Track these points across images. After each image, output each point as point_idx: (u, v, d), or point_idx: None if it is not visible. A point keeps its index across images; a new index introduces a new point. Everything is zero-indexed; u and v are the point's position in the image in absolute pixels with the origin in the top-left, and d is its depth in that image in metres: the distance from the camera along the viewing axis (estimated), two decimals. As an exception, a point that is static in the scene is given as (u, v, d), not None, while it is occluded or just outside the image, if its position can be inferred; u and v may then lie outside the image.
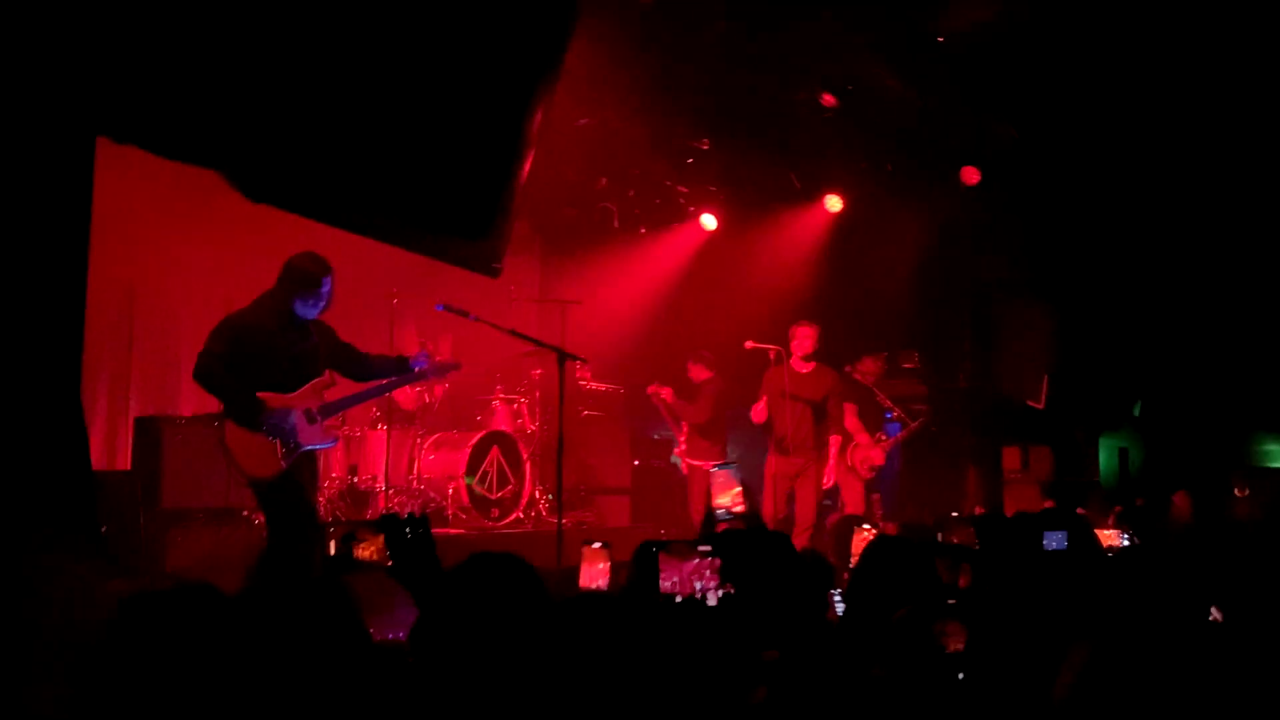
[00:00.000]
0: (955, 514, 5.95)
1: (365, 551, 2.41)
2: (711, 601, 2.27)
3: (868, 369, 8.78)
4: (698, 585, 2.36)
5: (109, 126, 2.91)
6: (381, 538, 2.36)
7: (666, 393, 8.57)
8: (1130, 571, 2.90)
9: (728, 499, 3.61)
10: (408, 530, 2.21)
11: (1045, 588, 2.34)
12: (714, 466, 3.72)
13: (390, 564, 2.34)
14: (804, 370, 7.78)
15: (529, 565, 2.18)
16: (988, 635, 2.19)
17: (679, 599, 2.30)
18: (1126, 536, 4.21)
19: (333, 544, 2.54)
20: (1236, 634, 2.26)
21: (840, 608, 3.24)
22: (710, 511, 3.63)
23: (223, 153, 3.07)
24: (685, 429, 8.68)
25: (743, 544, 1.98)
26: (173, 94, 2.84)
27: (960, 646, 1.98)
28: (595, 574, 3.48)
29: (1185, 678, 1.47)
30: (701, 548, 2.28)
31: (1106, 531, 4.42)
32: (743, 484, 3.59)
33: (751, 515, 3.29)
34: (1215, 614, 2.65)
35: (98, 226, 7.67)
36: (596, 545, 3.51)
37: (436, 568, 2.20)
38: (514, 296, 9.27)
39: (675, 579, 2.38)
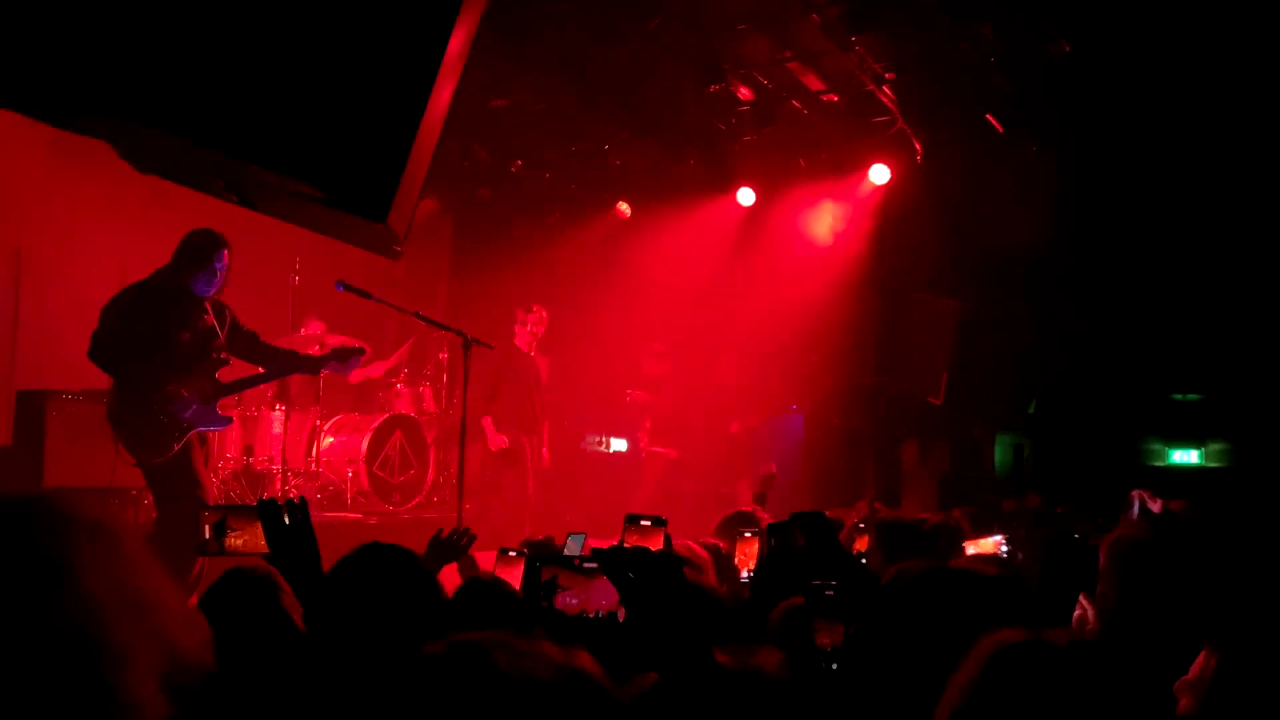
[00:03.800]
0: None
1: (238, 540, 2.33)
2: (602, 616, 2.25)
3: None
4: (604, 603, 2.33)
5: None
6: (256, 525, 2.28)
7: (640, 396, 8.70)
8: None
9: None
10: (287, 517, 2.15)
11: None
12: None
13: (266, 552, 2.27)
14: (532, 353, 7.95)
15: (417, 559, 2.14)
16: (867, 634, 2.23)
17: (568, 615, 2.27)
18: (1006, 548, 3.98)
19: (206, 529, 2.45)
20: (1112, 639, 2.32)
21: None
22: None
23: (105, 120, 2.94)
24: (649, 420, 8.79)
25: (629, 562, 1.96)
26: (49, 56, 2.70)
27: (835, 641, 2.01)
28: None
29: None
30: (588, 564, 2.26)
31: (986, 540, 4.21)
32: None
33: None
34: (1086, 608, 2.72)
35: (-18, 190, 7.39)
36: (513, 554, 3.48)
37: (316, 558, 2.14)
38: (423, 275, 9.14)
39: (578, 598, 2.35)
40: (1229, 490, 8.16)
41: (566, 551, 3.34)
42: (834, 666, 2.00)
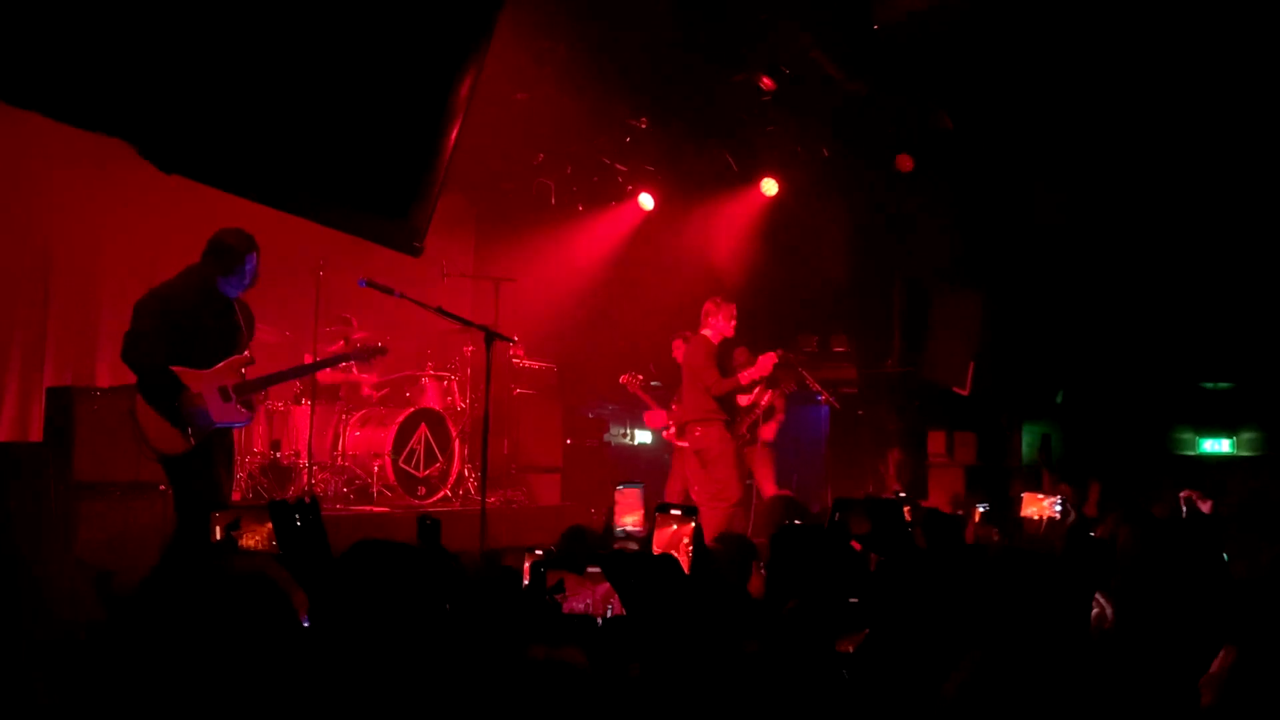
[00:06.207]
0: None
1: (251, 539, 2.35)
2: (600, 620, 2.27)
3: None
4: (608, 607, 2.36)
5: (1, 87, 2.78)
6: (268, 525, 2.30)
7: (627, 380, 8.66)
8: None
9: (632, 519, 3.61)
10: (297, 516, 2.15)
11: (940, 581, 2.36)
12: (620, 485, 3.70)
13: (277, 552, 2.28)
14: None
15: (416, 550, 2.15)
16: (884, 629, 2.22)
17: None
18: (1059, 505, 4.28)
19: (218, 530, 2.46)
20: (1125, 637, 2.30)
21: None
22: (610, 527, 3.64)
23: (127, 121, 2.96)
24: (675, 409, 8.72)
25: (631, 566, 1.97)
26: (70, 57, 2.73)
27: (849, 648, 2.00)
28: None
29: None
30: (591, 569, 2.27)
31: (1045, 499, 4.42)
32: (646, 506, 3.61)
33: (646, 539, 3.29)
34: (1105, 605, 2.69)
35: (13, 189, 7.47)
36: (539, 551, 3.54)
37: (327, 555, 2.15)
38: (447, 271, 9.14)
39: (586, 601, 2.37)
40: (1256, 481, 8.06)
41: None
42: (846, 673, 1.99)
